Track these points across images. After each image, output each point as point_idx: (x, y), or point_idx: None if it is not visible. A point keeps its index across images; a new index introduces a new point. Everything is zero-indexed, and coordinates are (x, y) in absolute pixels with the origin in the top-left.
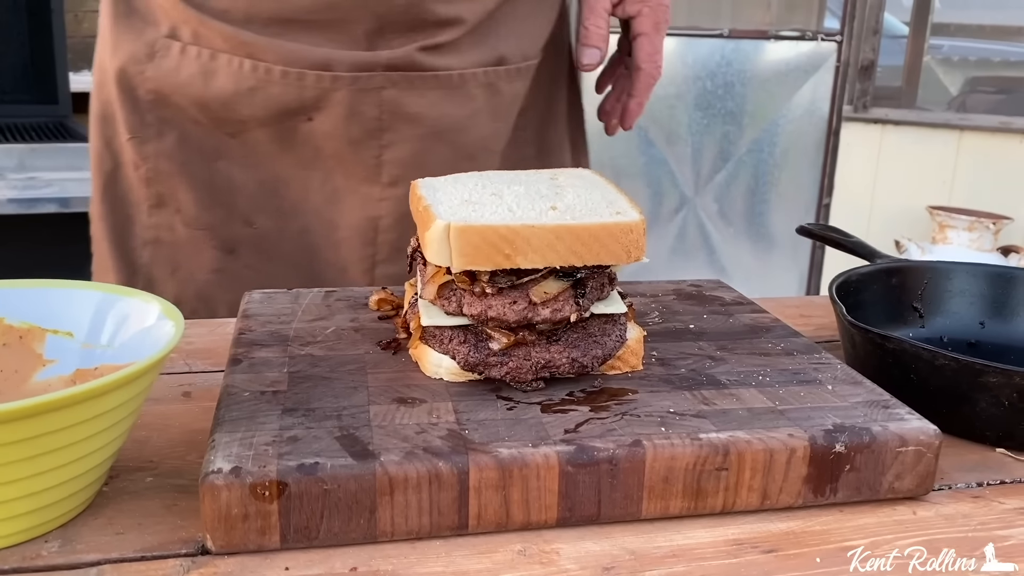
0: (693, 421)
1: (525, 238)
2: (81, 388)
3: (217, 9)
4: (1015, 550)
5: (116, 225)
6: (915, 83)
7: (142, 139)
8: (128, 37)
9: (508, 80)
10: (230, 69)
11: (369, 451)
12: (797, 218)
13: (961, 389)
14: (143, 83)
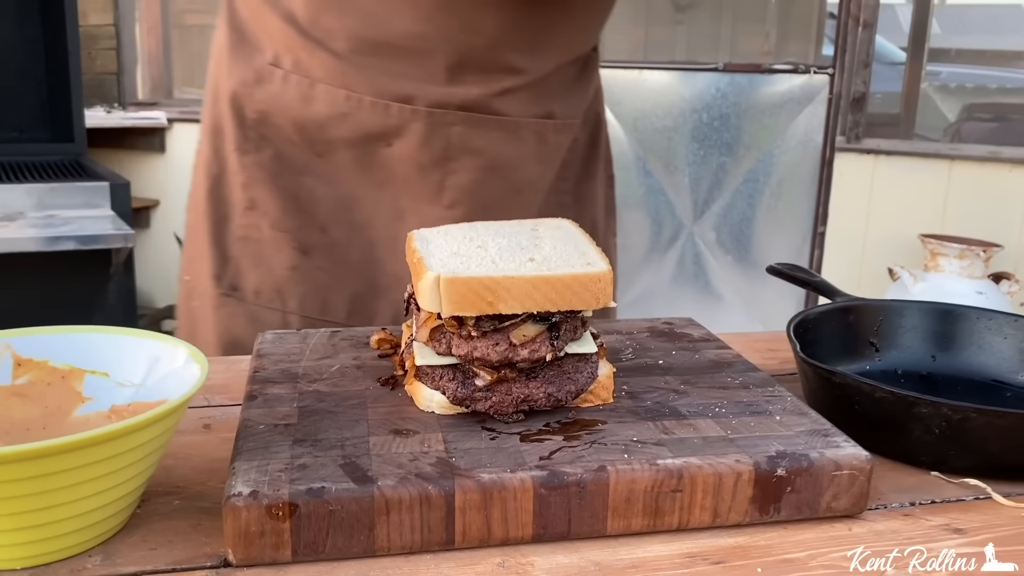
0: (653, 448)
1: (506, 288)
2: (119, 425)
3: (322, 31)
4: (942, 561)
5: (216, 221)
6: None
7: (244, 151)
8: (240, 63)
9: (554, 132)
10: (326, 97)
11: (368, 477)
12: (794, 246)
13: (898, 419)
14: (251, 104)
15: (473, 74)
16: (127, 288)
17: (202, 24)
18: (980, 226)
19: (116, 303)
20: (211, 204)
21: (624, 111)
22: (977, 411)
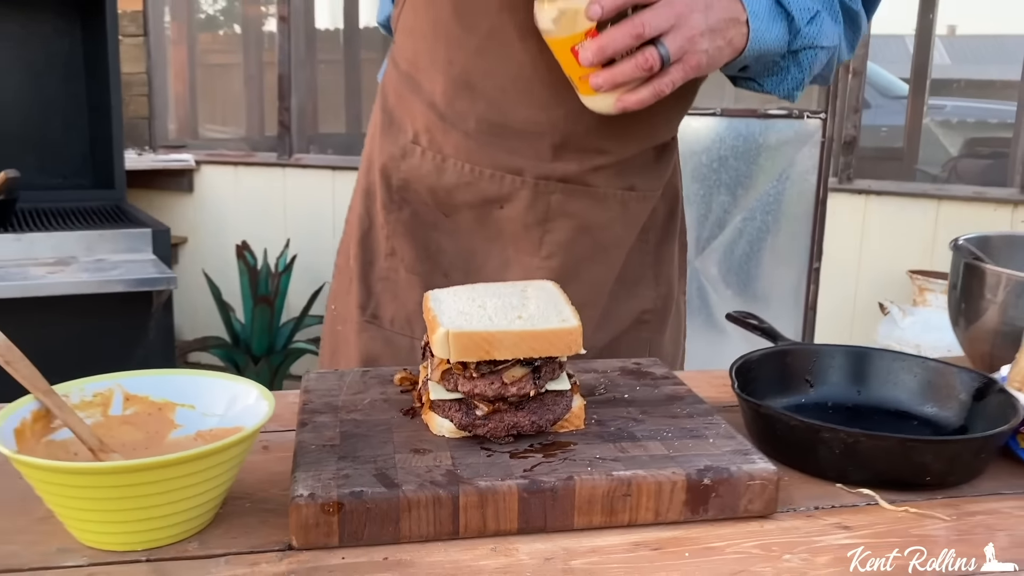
0: (611, 464)
1: (499, 340)
2: (207, 447)
3: (455, 115)
4: (825, 550)
5: (364, 264)
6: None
7: (389, 210)
8: (389, 141)
9: (636, 201)
10: (454, 169)
11: (395, 483)
12: (791, 281)
13: (807, 442)
14: (396, 174)
15: (572, 153)
16: (166, 326)
17: (224, 63)
18: None
19: (156, 339)
20: (361, 250)
21: None
22: (866, 435)
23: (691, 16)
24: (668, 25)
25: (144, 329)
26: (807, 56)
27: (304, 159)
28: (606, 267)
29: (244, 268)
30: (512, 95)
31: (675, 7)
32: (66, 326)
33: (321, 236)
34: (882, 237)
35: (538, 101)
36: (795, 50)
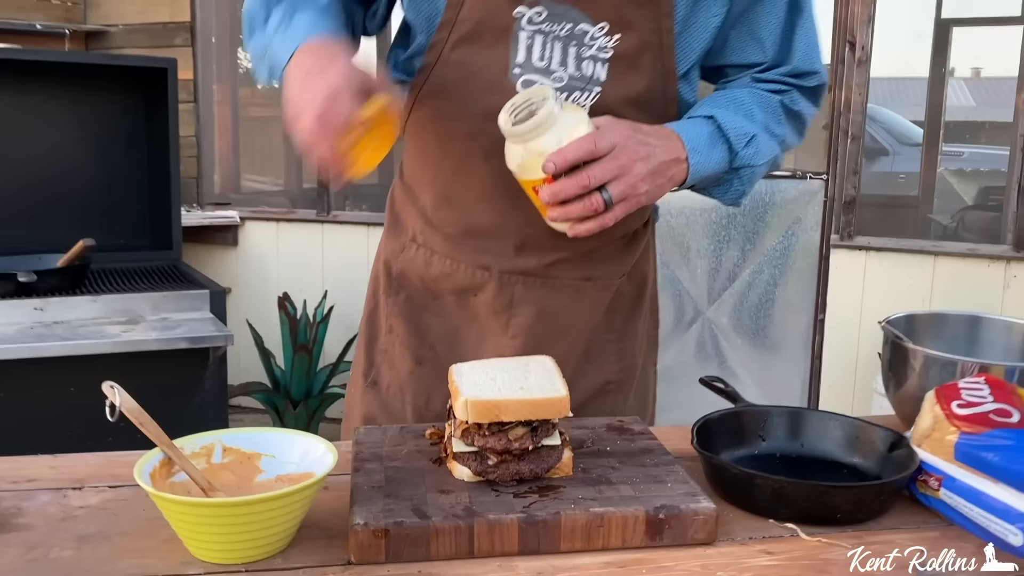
0: (590, 502)
1: (505, 407)
2: (287, 489)
3: (440, 221)
4: (750, 569)
5: (369, 338)
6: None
7: (388, 294)
8: (392, 239)
9: (593, 289)
10: (439, 263)
11: (426, 515)
12: (798, 331)
13: (746, 486)
14: (395, 265)
15: (532, 251)
16: (220, 377)
17: (264, 116)
18: None
19: (211, 389)
20: (367, 327)
21: None
22: (788, 482)
23: (633, 166)
24: (612, 176)
25: (201, 380)
26: (747, 173)
27: (341, 215)
28: (567, 346)
29: (285, 318)
30: (480, 206)
31: (619, 160)
32: (135, 378)
33: (356, 288)
34: (881, 291)
35: (501, 210)
36: (736, 167)
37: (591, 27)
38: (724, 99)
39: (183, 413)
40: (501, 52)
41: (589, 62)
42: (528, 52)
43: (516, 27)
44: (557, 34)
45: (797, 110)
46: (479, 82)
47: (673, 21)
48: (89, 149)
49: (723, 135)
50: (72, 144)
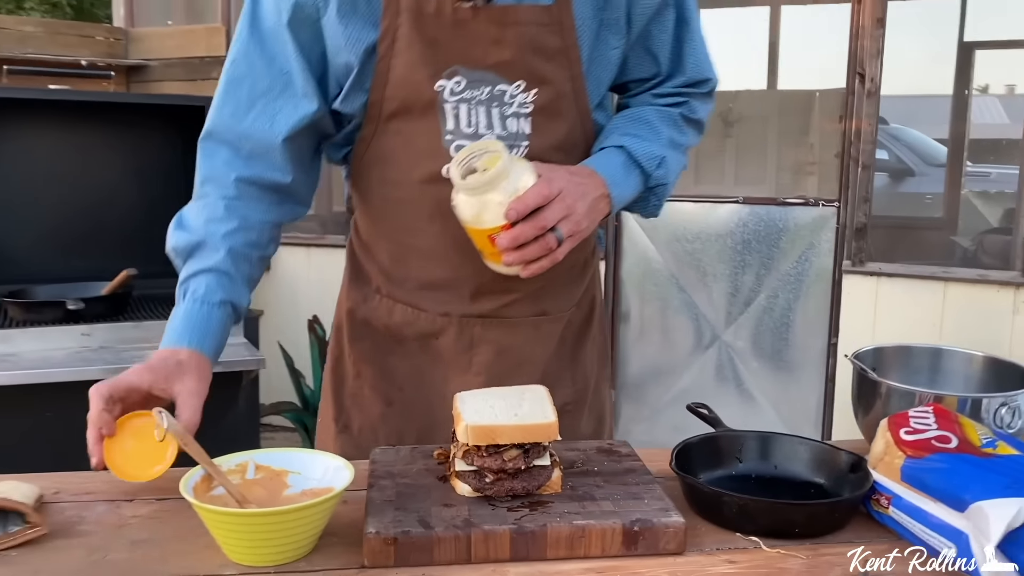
0: (574, 516)
1: (501, 431)
2: (312, 501)
3: (400, 276)
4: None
5: (336, 384)
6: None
7: (353, 341)
8: (356, 289)
9: (548, 323)
10: (402, 311)
11: (431, 526)
12: (812, 355)
13: (715, 503)
14: (360, 314)
15: (487, 296)
16: (253, 398)
17: None
18: (975, 339)
19: (244, 410)
20: (333, 374)
21: (658, 236)
22: (751, 500)
23: (576, 205)
24: (562, 216)
25: (235, 402)
26: (661, 189)
27: None
28: (525, 378)
29: (314, 340)
30: (434, 262)
31: (566, 201)
32: None
33: None
34: (892, 316)
35: (454, 265)
36: (651, 187)
37: (508, 86)
38: (631, 123)
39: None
40: (431, 122)
41: (513, 119)
42: (456, 120)
43: (440, 99)
44: (479, 99)
45: (696, 118)
46: (415, 150)
47: (581, 66)
48: (131, 182)
49: (635, 161)
50: (115, 178)
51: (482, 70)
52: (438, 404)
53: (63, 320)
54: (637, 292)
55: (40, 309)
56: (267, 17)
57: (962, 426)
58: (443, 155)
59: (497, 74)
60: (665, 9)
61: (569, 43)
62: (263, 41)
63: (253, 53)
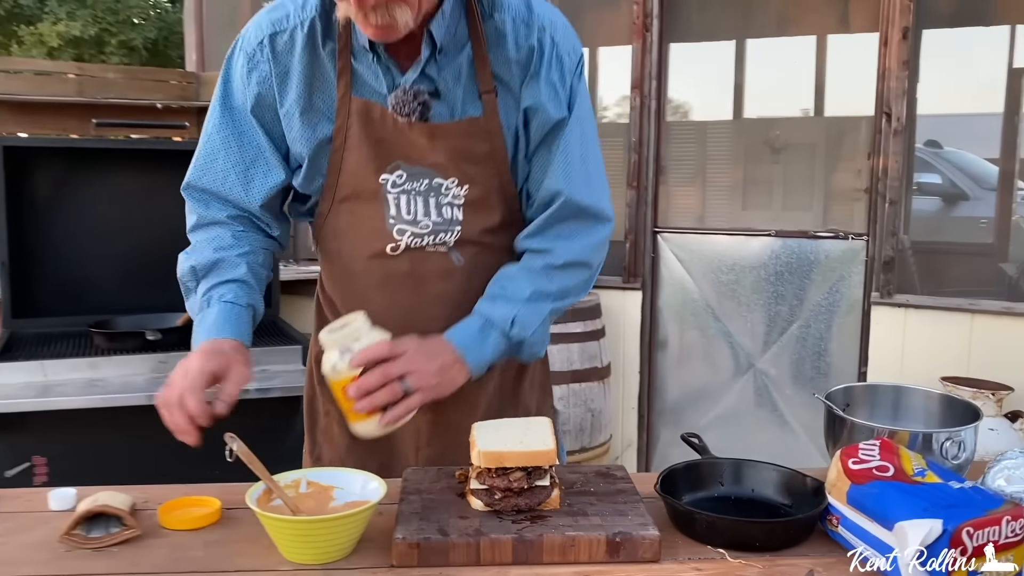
0: (567, 528)
1: (508, 456)
2: (352, 511)
3: None
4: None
5: (311, 421)
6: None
7: (320, 384)
8: None
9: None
10: None
11: (447, 534)
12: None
13: (689, 520)
14: None
15: None
16: None
17: None
18: (1002, 371)
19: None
20: (308, 413)
21: (694, 268)
22: (718, 518)
23: (424, 364)
24: (407, 370)
25: (293, 424)
26: (527, 341)
27: None
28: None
29: None
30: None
31: (413, 359)
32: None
33: None
34: (920, 347)
35: (399, 326)
36: (515, 342)
37: (444, 180)
38: (496, 283)
39: (278, 451)
40: (377, 207)
41: (448, 207)
42: (397, 207)
43: (384, 190)
44: (418, 190)
45: (564, 262)
46: (364, 230)
47: (507, 164)
48: None
49: (491, 324)
50: None
51: (421, 167)
52: (396, 438)
53: (142, 348)
54: (674, 321)
55: (122, 339)
56: (236, 98)
57: (900, 457)
58: (388, 236)
59: (434, 171)
60: (556, 130)
61: (496, 147)
62: (234, 119)
63: (226, 129)
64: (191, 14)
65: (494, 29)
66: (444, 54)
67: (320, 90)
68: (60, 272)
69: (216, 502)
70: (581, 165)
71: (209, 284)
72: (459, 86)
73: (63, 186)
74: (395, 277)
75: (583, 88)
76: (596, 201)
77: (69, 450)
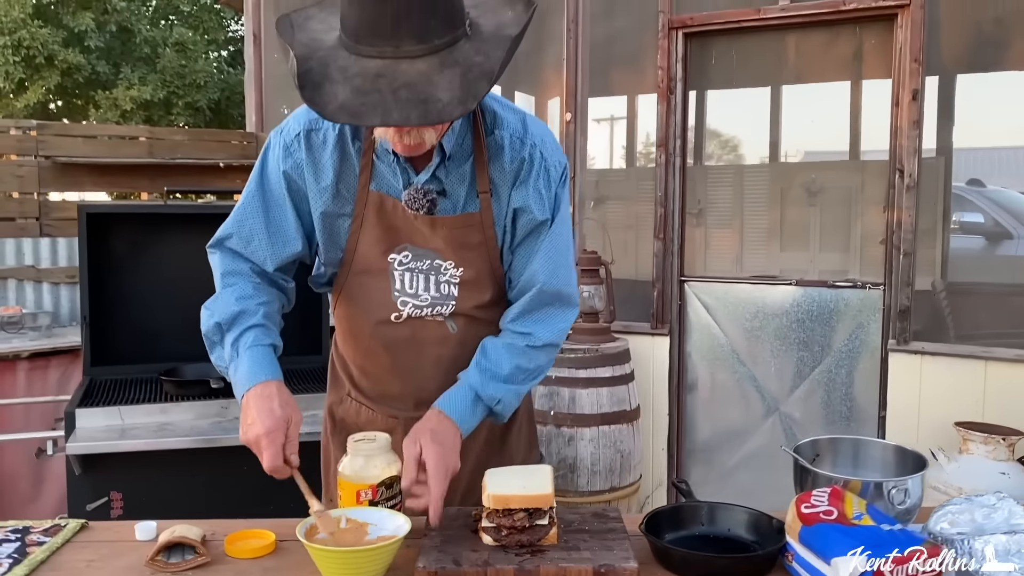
0: (561, 560)
1: (513, 499)
2: (386, 544)
3: (363, 387)
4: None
5: (324, 466)
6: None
7: (333, 435)
8: (334, 391)
9: None
10: (367, 413)
11: (460, 564)
12: (864, 427)
13: (666, 555)
14: (337, 413)
15: (425, 405)
16: None
17: None
18: (1016, 416)
19: None
20: (324, 459)
21: (720, 314)
22: (689, 553)
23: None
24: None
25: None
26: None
27: None
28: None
29: None
30: (386, 380)
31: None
32: None
33: None
34: (936, 393)
35: (400, 383)
36: (495, 413)
37: (443, 262)
38: (486, 359)
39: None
40: (385, 282)
41: (445, 285)
42: (402, 282)
43: (391, 267)
44: (420, 269)
45: (543, 344)
46: (372, 300)
47: (498, 252)
48: None
49: (480, 400)
50: None
51: (424, 249)
52: None
53: (207, 395)
54: (703, 364)
55: (189, 386)
56: (271, 177)
57: (845, 503)
58: (393, 306)
59: (435, 253)
60: (540, 228)
61: (488, 237)
62: (265, 194)
63: (258, 201)
64: (251, 78)
65: (494, 143)
66: (452, 160)
67: (344, 180)
68: (134, 324)
69: (271, 535)
70: (558, 259)
71: (234, 335)
72: (462, 187)
73: (136, 246)
74: (398, 341)
75: (565, 195)
76: (568, 289)
77: (142, 486)
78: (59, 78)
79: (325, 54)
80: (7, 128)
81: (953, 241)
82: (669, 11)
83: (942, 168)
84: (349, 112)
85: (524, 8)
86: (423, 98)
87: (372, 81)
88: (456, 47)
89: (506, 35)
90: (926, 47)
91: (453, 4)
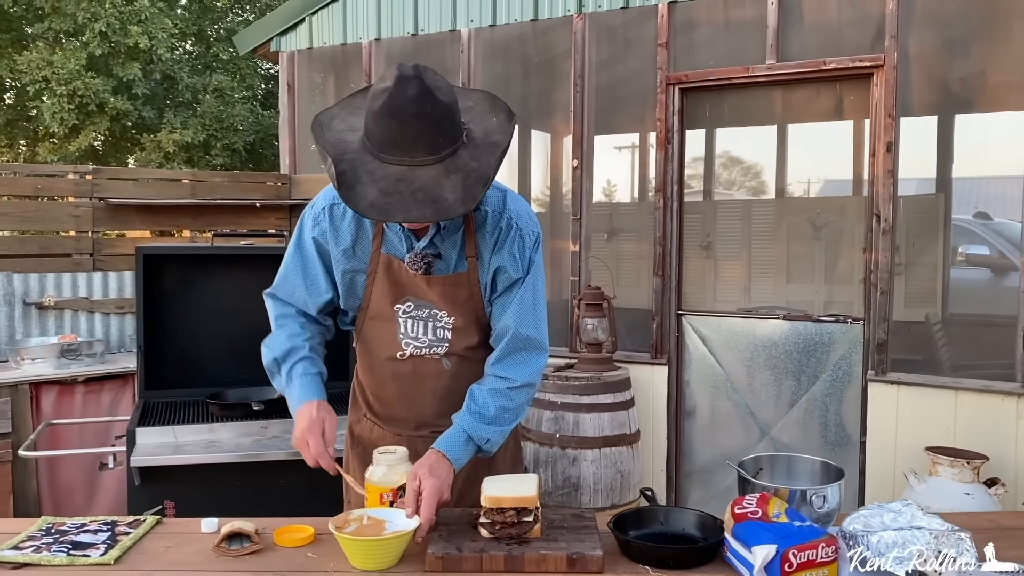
0: (542, 549)
1: (504, 500)
2: (401, 534)
3: (375, 410)
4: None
5: (346, 465)
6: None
7: (352, 447)
8: (354, 411)
9: None
10: (378, 431)
11: (462, 551)
12: (847, 450)
13: (627, 546)
14: (356, 430)
15: (425, 427)
16: None
17: None
18: (983, 441)
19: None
20: (344, 466)
21: (714, 345)
22: (645, 544)
23: (443, 489)
24: (431, 497)
25: None
26: (487, 453)
27: None
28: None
29: None
30: (393, 405)
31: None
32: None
33: None
34: (912, 419)
35: (404, 408)
36: (484, 450)
37: (439, 312)
38: (475, 404)
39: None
40: (392, 326)
41: (440, 330)
42: (406, 327)
43: (397, 315)
44: (421, 317)
45: (520, 384)
46: (383, 340)
47: (483, 304)
48: None
49: (472, 440)
50: None
51: (423, 301)
52: None
53: (248, 416)
54: (700, 392)
55: (233, 408)
56: (305, 242)
57: (769, 505)
58: (397, 346)
59: (432, 305)
60: (515, 285)
61: (474, 293)
62: (302, 256)
63: (296, 261)
64: (285, 124)
65: (480, 216)
66: (446, 230)
67: (360, 245)
68: (182, 352)
69: (311, 528)
70: (528, 310)
71: (288, 367)
72: (454, 251)
73: (185, 282)
74: (403, 374)
75: (539, 257)
76: (536, 335)
77: (193, 495)
78: (108, 123)
79: (353, 157)
80: (66, 172)
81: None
82: (667, 68)
83: (942, 204)
84: (377, 210)
85: (507, 117)
86: (434, 198)
87: (394, 184)
88: (457, 155)
89: (494, 142)
90: (912, 93)
91: (454, 121)
